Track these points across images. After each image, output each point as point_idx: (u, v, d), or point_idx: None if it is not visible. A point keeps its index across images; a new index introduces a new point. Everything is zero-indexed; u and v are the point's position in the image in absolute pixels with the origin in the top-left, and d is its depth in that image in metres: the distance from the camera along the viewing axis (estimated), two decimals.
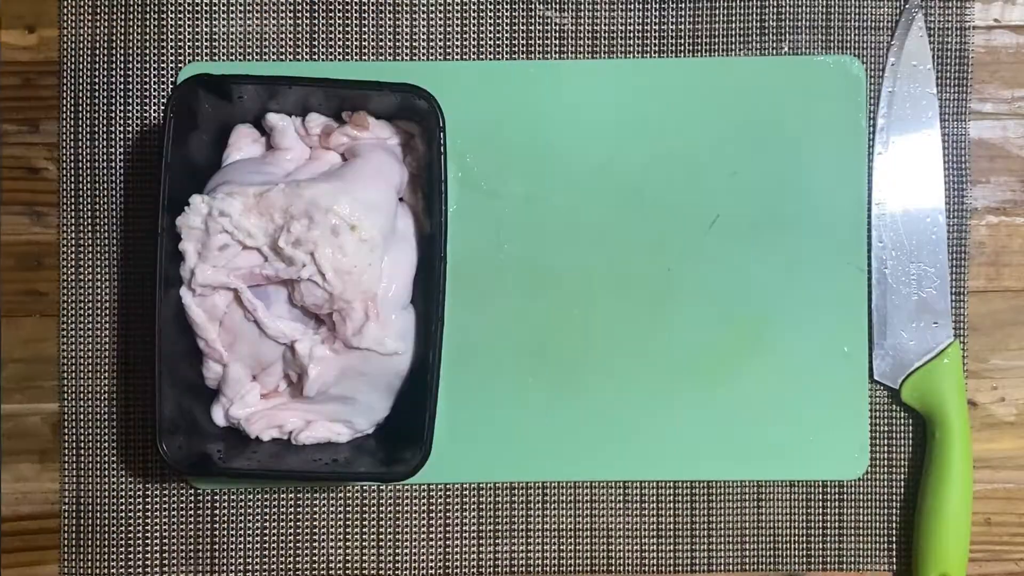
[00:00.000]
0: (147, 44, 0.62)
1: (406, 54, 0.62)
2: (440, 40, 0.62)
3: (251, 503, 0.61)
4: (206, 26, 0.62)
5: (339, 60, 0.62)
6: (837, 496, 0.62)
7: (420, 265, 0.57)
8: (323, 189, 0.54)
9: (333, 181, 0.55)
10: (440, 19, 0.62)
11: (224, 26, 0.62)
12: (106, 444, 0.61)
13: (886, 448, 0.62)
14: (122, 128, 0.62)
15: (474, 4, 0.62)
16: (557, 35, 0.62)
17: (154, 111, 0.62)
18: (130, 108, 0.62)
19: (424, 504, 0.62)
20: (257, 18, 0.62)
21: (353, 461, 0.57)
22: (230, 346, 0.56)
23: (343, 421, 0.58)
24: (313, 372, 0.56)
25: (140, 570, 0.61)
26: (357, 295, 0.54)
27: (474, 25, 0.62)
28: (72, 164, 0.61)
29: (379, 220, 0.55)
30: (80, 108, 0.61)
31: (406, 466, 0.55)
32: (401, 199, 0.58)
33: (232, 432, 0.58)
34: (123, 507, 0.61)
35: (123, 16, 0.62)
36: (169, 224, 0.55)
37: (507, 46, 0.62)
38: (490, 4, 0.62)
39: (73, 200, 0.61)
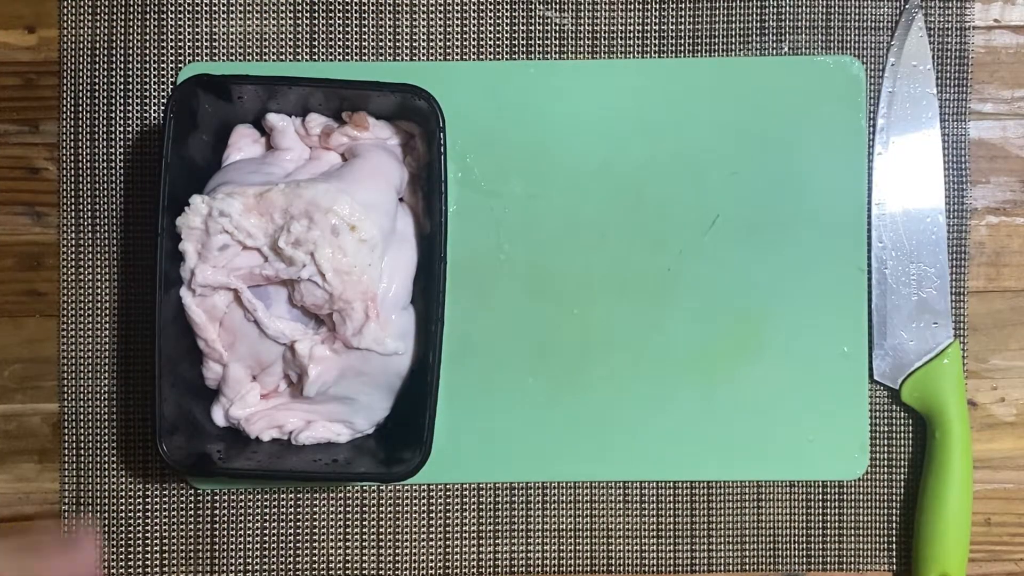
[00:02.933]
0: (147, 44, 0.62)
1: (406, 54, 0.62)
2: (440, 40, 0.62)
3: (251, 503, 0.61)
4: (206, 26, 0.62)
5: (339, 60, 0.62)
6: (837, 496, 0.62)
7: (420, 265, 0.57)
8: (323, 189, 0.54)
9: (333, 181, 0.55)
10: (440, 19, 0.62)
11: (224, 26, 0.62)
12: (106, 444, 0.61)
13: (886, 448, 0.62)
14: (122, 128, 0.62)
15: (474, 4, 0.62)
16: (557, 35, 0.62)
17: (154, 111, 0.62)
18: (130, 108, 0.62)
19: (424, 504, 0.62)
20: (257, 18, 0.62)
21: (353, 461, 0.57)
22: (230, 346, 0.56)
23: (343, 421, 0.58)
24: (313, 372, 0.55)
25: (140, 570, 0.61)
26: (357, 295, 0.54)
27: (474, 25, 0.62)
28: (72, 164, 0.61)
29: (379, 220, 0.55)
30: (80, 108, 0.61)
31: (406, 466, 0.55)
32: (401, 199, 0.58)
33: (232, 432, 0.58)
34: (123, 507, 0.61)
35: (123, 16, 0.62)
36: (169, 224, 0.54)
37: (507, 46, 0.62)
38: (490, 4, 0.62)
39: (73, 200, 0.61)
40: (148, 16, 0.62)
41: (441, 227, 0.55)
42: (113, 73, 0.62)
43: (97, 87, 0.62)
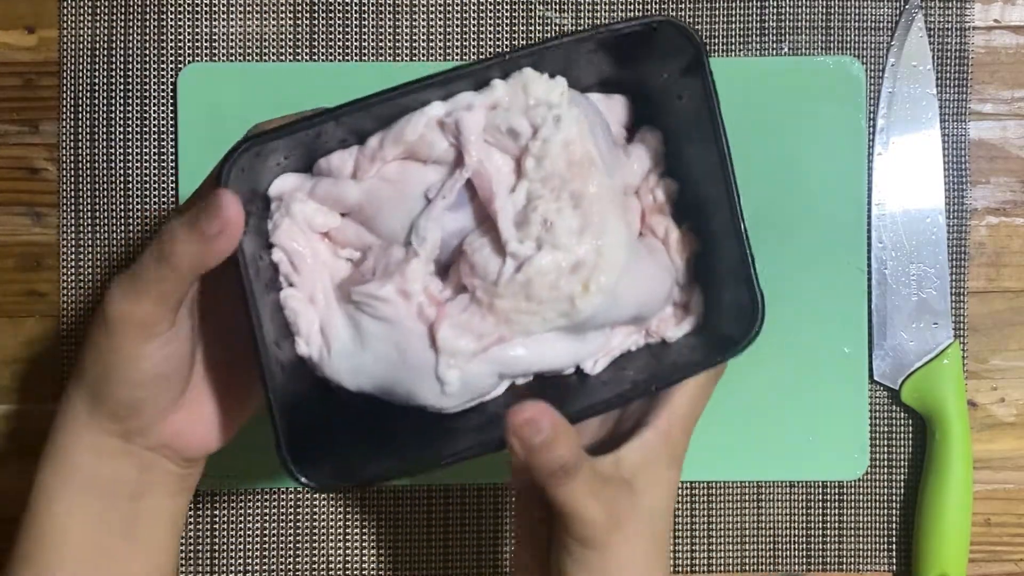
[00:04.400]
0: (147, 44, 0.62)
1: (406, 54, 0.62)
2: (440, 40, 0.62)
3: (251, 503, 0.61)
4: (206, 26, 0.62)
5: (339, 60, 0.62)
6: (837, 496, 0.62)
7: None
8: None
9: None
10: (440, 19, 0.62)
11: (224, 26, 0.62)
12: None
13: (886, 448, 0.62)
14: (122, 128, 0.62)
15: (474, 4, 0.62)
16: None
17: (154, 111, 0.62)
18: (130, 108, 0.62)
19: (424, 504, 0.62)
20: (257, 18, 0.62)
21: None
22: (371, 219, 0.43)
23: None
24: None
25: None
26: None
27: (474, 25, 0.62)
28: (72, 164, 0.61)
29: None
30: (80, 108, 0.61)
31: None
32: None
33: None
34: None
35: (123, 16, 0.62)
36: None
37: (507, 46, 0.62)
38: (490, 4, 0.62)
39: (73, 200, 0.61)
40: (148, 16, 0.62)
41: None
42: (113, 73, 0.62)
43: (97, 87, 0.62)
